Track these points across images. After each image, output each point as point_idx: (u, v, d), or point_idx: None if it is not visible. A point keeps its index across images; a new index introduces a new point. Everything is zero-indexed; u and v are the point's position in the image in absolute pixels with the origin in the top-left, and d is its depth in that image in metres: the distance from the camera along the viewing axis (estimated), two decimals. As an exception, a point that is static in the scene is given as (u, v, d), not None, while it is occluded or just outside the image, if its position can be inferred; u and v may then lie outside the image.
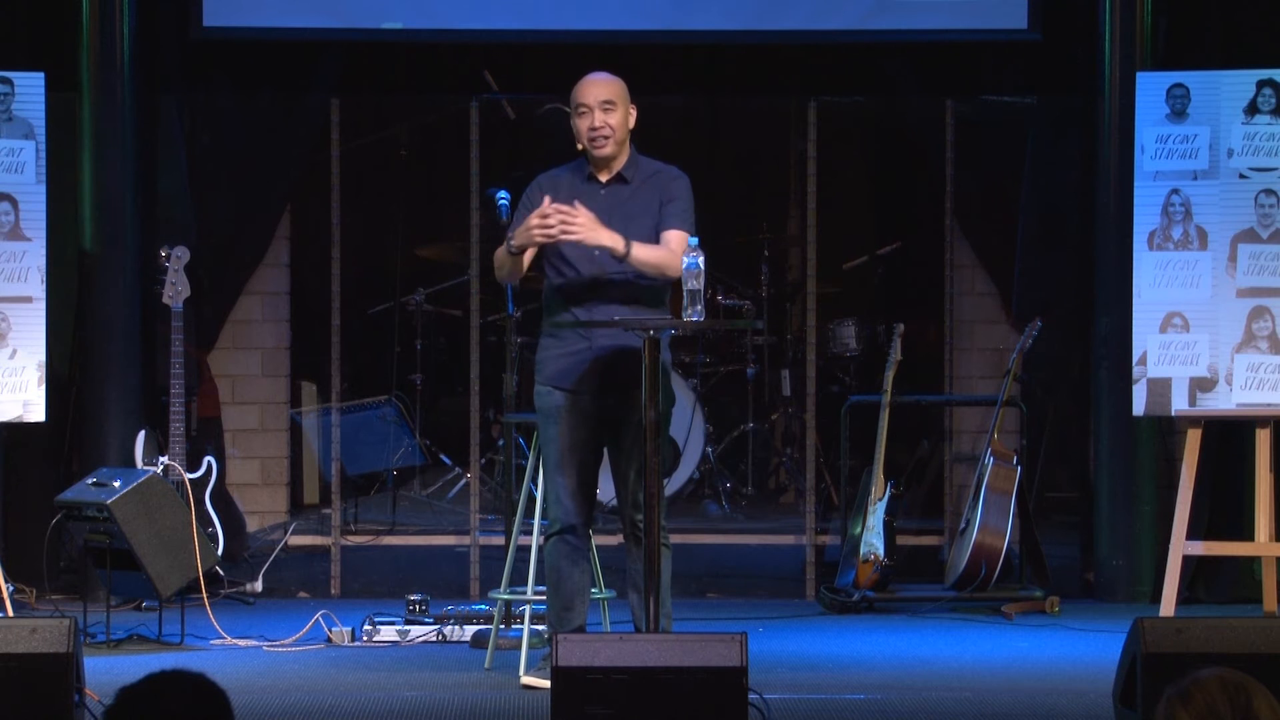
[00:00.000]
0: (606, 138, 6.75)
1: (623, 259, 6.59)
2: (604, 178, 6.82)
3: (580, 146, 6.82)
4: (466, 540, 9.50)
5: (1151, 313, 8.27)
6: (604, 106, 6.75)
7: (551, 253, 6.77)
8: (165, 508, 7.72)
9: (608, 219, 6.66)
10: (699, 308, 6.40)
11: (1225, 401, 8.18)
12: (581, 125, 6.78)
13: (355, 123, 10.02)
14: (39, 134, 8.37)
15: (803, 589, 9.36)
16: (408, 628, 7.94)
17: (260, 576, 9.13)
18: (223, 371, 9.82)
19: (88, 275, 8.99)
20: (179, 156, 9.48)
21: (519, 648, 7.17)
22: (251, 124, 9.64)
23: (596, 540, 7.12)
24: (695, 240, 6.48)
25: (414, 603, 8.01)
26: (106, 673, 6.55)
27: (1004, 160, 9.71)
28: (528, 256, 6.79)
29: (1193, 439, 8.18)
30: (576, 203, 6.61)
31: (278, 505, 9.97)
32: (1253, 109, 8.24)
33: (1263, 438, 8.13)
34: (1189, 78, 8.32)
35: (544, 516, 7.11)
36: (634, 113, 6.83)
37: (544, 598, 7.25)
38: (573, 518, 6.77)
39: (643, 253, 6.62)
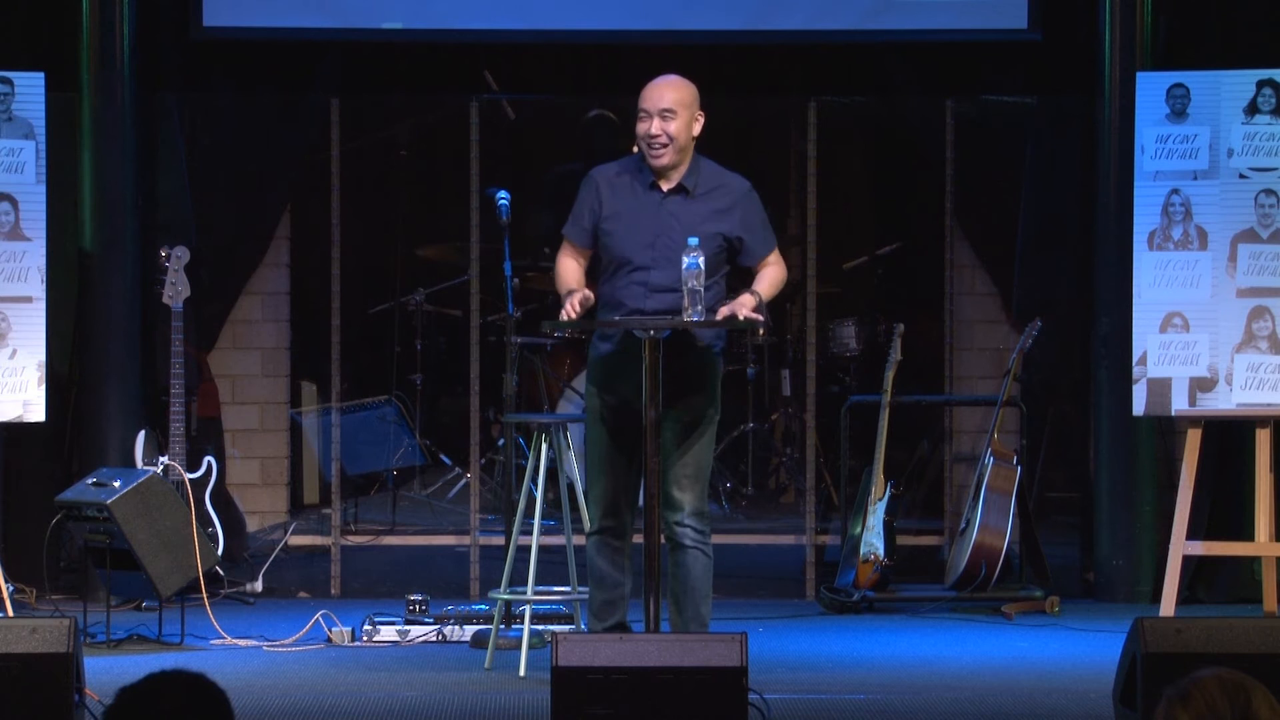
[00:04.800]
0: (664, 146, 6.64)
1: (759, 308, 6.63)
2: (665, 186, 6.73)
3: (636, 150, 6.75)
4: (466, 540, 9.50)
5: (1151, 313, 8.27)
6: (664, 114, 6.63)
7: (611, 254, 6.73)
8: (165, 508, 7.72)
9: (668, 231, 6.64)
10: (699, 308, 6.40)
11: (1225, 401, 8.18)
12: (639, 130, 6.68)
13: (355, 123, 10.01)
14: (39, 134, 8.37)
15: (803, 589, 9.36)
16: (408, 628, 7.94)
17: (260, 576, 9.13)
18: (223, 371, 9.82)
19: (88, 275, 8.99)
20: (179, 156, 9.47)
21: (519, 648, 7.17)
22: (251, 124, 9.63)
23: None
24: (695, 240, 6.46)
25: (414, 603, 8.01)
26: (106, 673, 6.55)
27: (1004, 160, 9.70)
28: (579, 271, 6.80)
29: (1193, 439, 8.18)
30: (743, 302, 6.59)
31: (278, 505, 9.97)
32: (1253, 109, 8.24)
33: (1263, 438, 8.12)
34: (1189, 78, 8.32)
35: (550, 517, 7.10)
36: (701, 120, 6.72)
37: (543, 598, 7.32)
38: (611, 519, 6.74)
39: (768, 290, 6.73)
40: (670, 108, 6.64)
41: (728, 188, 6.78)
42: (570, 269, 6.76)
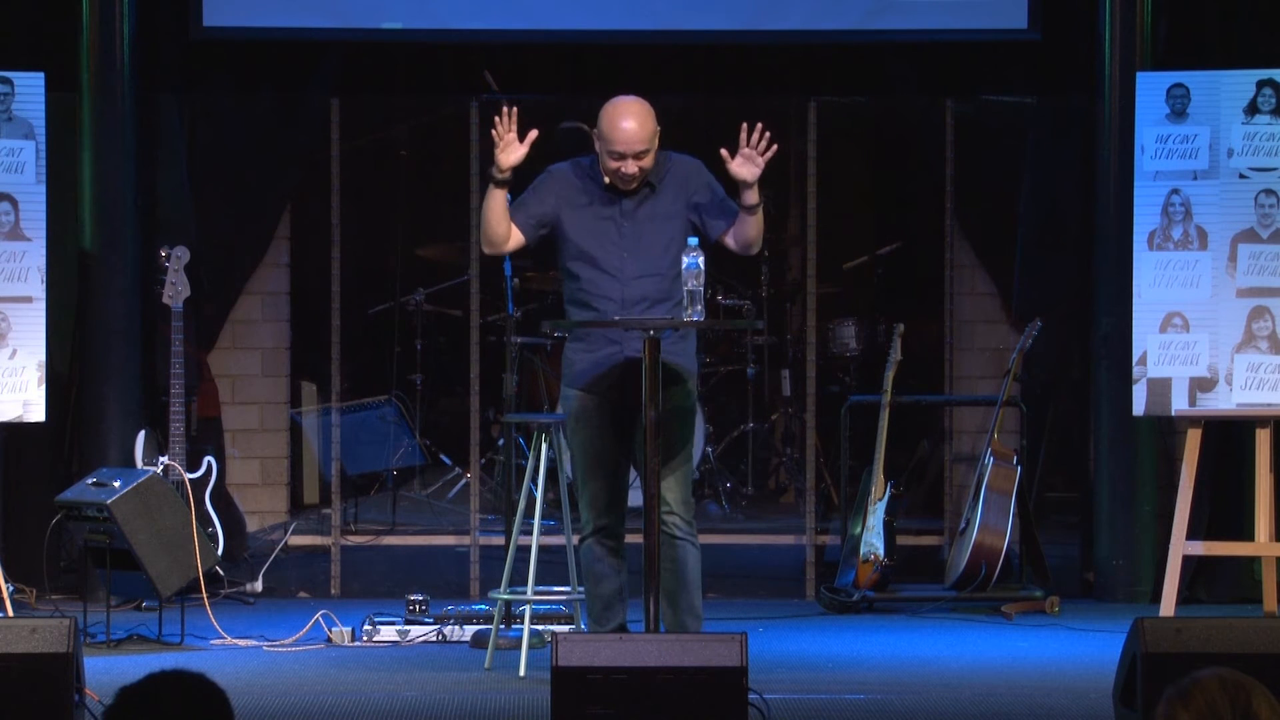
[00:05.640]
0: (634, 181, 6.67)
1: (755, 208, 6.57)
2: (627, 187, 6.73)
3: (607, 180, 6.71)
4: (466, 540, 9.50)
5: (1151, 313, 8.26)
6: (638, 155, 6.63)
7: (575, 254, 6.73)
8: (165, 508, 7.73)
9: (634, 227, 6.65)
10: (699, 308, 6.40)
11: (1225, 401, 8.18)
12: (609, 164, 6.64)
13: (355, 123, 10.01)
14: (39, 134, 8.37)
15: (803, 589, 9.36)
16: (408, 628, 7.94)
17: (260, 576, 9.13)
18: (223, 371, 9.82)
19: (88, 275, 8.99)
20: (179, 156, 9.47)
21: (519, 648, 7.18)
22: (251, 124, 9.63)
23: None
24: (695, 240, 6.47)
25: (414, 603, 8.01)
26: (106, 673, 6.55)
27: (1004, 160, 9.70)
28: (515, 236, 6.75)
29: (1193, 439, 8.18)
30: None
31: (278, 505, 9.97)
32: (1253, 109, 8.24)
33: (1263, 438, 8.12)
34: (1189, 78, 8.32)
35: (550, 517, 7.11)
36: (659, 132, 6.72)
37: (543, 598, 7.32)
38: (604, 520, 6.75)
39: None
40: (645, 149, 6.64)
41: (679, 168, 6.78)
42: None
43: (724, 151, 6.55)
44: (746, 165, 6.54)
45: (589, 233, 6.70)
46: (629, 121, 6.63)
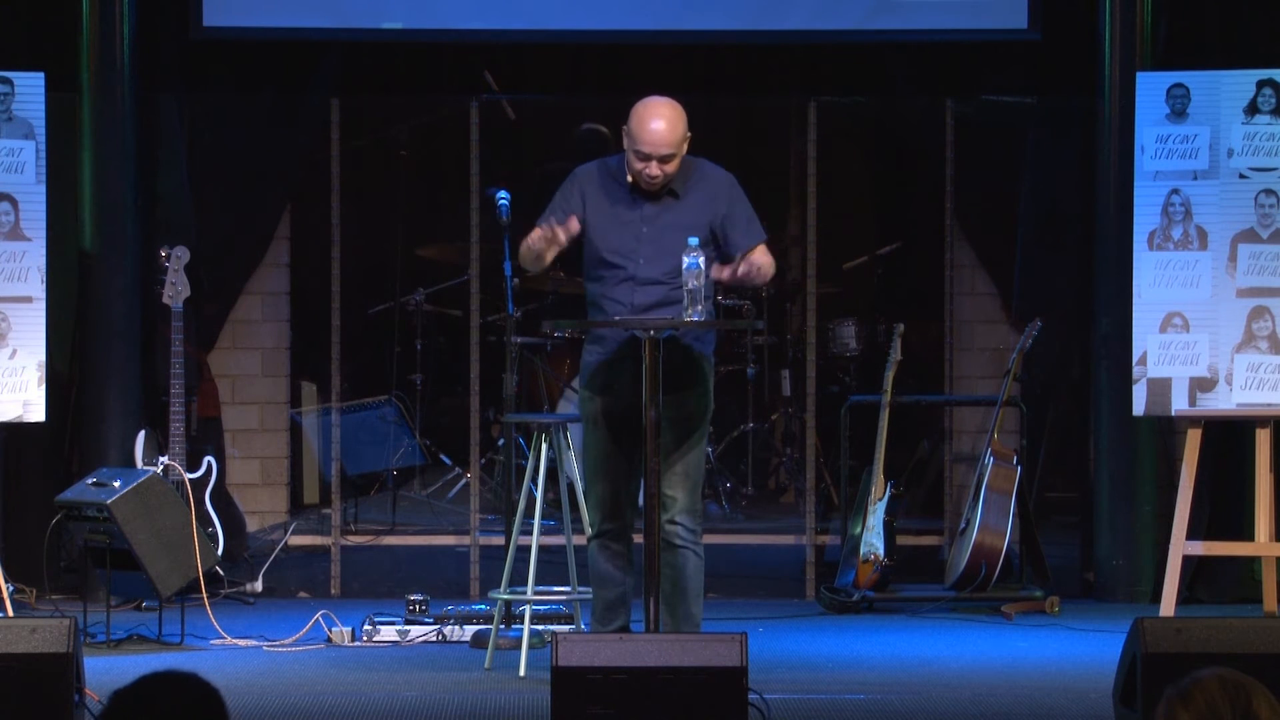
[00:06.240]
0: (657, 183, 6.67)
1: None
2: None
3: (630, 179, 6.73)
4: (466, 540, 9.50)
5: (1151, 313, 8.27)
6: (664, 159, 6.62)
7: (595, 257, 6.73)
8: (165, 508, 7.73)
9: (653, 234, 6.64)
10: (699, 308, 6.40)
11: (1225, 401, 8.18)
12: (634, 163, 6.63)
13: (355, 123, 10.02)
14: (39, 134, 8.37)
15: (803, 589, 9.36)
16: (408, 628, 7.94)
17: (260, 576, 9.13)
18: (223, 371, 9.82)
19: (88, 275, 9.00)
20: (179, 156, 9.47)
21: (519, 648, 7.18)
22: (251, 124, 9.63)
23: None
24: (695, 240, 6.46)
25: (414, 603, 8.01)
26: (106, 673, 6.56)
27: (1004, 160, 9.70)
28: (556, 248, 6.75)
29: (1193, 439, 8.18)
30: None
31: (278, 505, 9.97)
32: (1253, 109, 8.24)
33: (1263, 438, 8.12)
34: (1189, 78, 8.32)
35: (550, 517, 7.10)
36: (689, 138, 6.71)
37: (543, 598, 7.33)
38: (611, 522, 6.75)
39: (758, 260, 6.64)
40: (671, 153, 6.62)
41: (710, 180, 6.77)
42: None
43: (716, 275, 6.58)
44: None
45: (609, 236, 6.70)
46: (659, 123, 6.62)
